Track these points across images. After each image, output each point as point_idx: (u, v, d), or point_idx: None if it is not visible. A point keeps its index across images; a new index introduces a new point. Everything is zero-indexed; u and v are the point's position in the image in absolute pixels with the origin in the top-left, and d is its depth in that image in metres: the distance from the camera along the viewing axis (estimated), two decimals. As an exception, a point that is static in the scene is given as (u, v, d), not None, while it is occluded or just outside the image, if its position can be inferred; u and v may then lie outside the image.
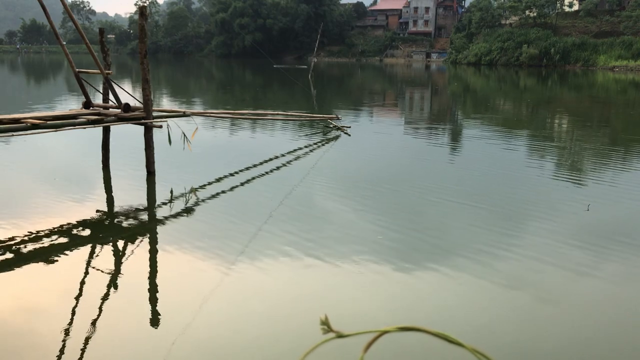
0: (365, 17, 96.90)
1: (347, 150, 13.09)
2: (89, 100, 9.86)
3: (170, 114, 10.78)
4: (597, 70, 57.10)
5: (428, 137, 15.55)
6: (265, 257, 6.07)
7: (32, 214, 7.51)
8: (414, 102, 29.03)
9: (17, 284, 5.46)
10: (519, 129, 17.08)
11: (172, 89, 34.48)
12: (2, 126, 7.76)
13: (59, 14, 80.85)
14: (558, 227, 7.25)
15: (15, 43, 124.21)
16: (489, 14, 72.96)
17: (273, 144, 13.76)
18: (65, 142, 12.52)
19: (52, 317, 4.73)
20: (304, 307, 5.01)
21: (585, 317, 4.98)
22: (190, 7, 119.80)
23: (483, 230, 7.11)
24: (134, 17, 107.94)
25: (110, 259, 6.17)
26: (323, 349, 0.71)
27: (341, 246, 6.40)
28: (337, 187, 9.23)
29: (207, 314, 4.79)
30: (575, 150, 13.73)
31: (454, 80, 45.91)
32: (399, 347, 4.16)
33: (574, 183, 9.93)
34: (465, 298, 5.23)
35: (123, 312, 4.90)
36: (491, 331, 4.67)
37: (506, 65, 64.60)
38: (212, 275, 5.62)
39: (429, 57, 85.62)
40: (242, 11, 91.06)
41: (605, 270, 5.95)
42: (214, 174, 9.98)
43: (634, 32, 61.64)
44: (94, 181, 9.68)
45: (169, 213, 7.87)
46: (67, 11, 9.77)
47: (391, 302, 5.16)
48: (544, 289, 5.45)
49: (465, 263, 5.95)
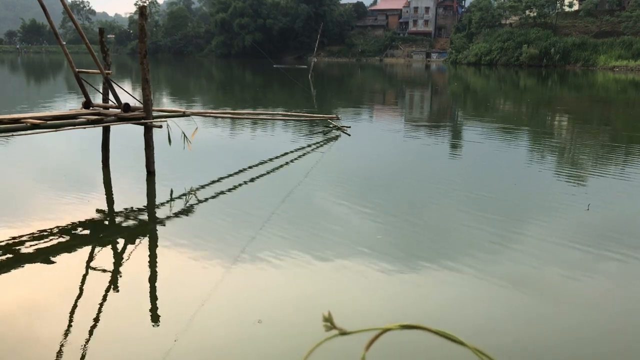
0: (365, 17, 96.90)
1: (347, 150, 13.09)
2: (89, 100, 9.86)
3: (170, 114, 10.77)
4: (597, 70, 57.10)
5: (428, 137, 15.54)
6: (265, 256, 6.06)
7: (32, 213, 7.50)
8: (414, 102, 29.03)
9: (17, 284, 5.46)
10: (519, 129, 17.08)
11: (172, 88, 34.48)
12: (2, 126, 7.76)
13: (58, 14, 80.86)
14: (558, 226, 7.25)
15: (15, 43, 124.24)
16: (489, 13, 72.97)
17: (273, 144, 13.75)
18: (65, 142, 12.51)
19: (52, 317, 4.73)
20: (305, 306, 5.01)
21: (585, 316, 4.98)
22: (190, 7, 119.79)
23: (483, 230, 7.10)
24: (133, 17, 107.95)
25: (110, 259, 6.17)
26: (325, 346, 0.71)
27: (341, 245, 6.40)
28: (337, 187, 9.23)
29: (207, 314, 4.78)
30: (575, 150, 13.73)
31: (454, 80, 45.90)
32: (401, 345, 4.16)
33: (574, 183, 9.93)
34: (466, 297, 5.23)
35: (123, 312, 4.90)
36: (492, 330, 4.67)
37: (506, 65, 64.59)
38: (212, 275, 5.61)
39: (429, 57, 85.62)
40: (242, 11, 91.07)
41: (605, 269, 5.95)
42: (214, 174, 9.97)
43: (634, 32, 61.64)
44: (94, 181, 9.67)
45: (169, 213, 7.86)
46: (67, 11, 9.77)
47: (392, 301, 5.16)
48: (545, 287, 5.45)
49: (466, 262, 5.95)
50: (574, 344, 4.52)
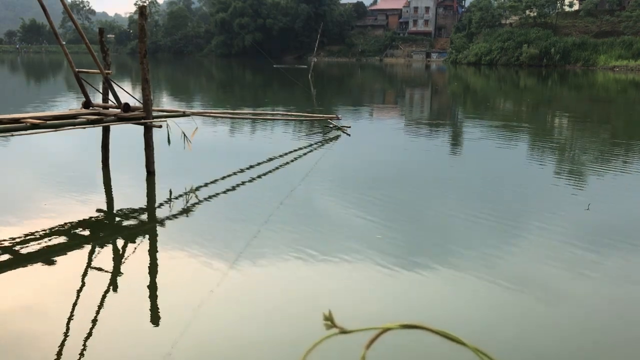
0: (365, 16, 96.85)
1: (347, 150, 13.08)
2: (89, 100, 9.85)
3: (170, 114, 10.77)
4: (597, 70, 57.08)
5: (428, 136, 15.54)
6: (265, 256, 6.06)
7: (32, 213, 7.50)
8: (414, 102, 29.03)
9: (17, 284, 5.46)
10: (519, 129, 17.08)
11: (171, 88, 34.47)
12: (2, 126, 7.75)
13: (58, 14, 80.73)
14: (558, 226, 7.25)
15: (15, 43, 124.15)
16: (489, 13, 72.93)
17: (273, 144, 13.75)
18: (65, 142, 12.51)
19: (52, 317, 4.73)
20: (305, 306, 5.01)
21: (586, 316, 4.98)
22: (190, 7, 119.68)
23: (483, 230, 7.10)
24: (133, 17, 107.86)
25: (110, 259, 6.17)
26: (326, 345, 0.71)
27: (342, 246, 6.40)
28: (337, 187, 9.22)
29: (207, 314, 4.78)
30: (575, 150, 13.73)
31: (454, 80, 45.89)
32: (401, 344, 4.16)
33: (574, 182, 9.93)
34: (466, 296, 5.23)
35: (123, 312, 4.90)
36: (492, 329, 4.67)
37: (506, 65, 64.56)
38: (212, 275, 5.61)
39: (429, 57, 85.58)
40: (242, 11, 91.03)
41: (605, 269, 5.94)
42: (214, 174, 9.97)
43: (634, 32, 61.61)
44: (94, 181, 9.67)
45: (169, 213, 7.86)
46: (67, 11, 9.77)
47: (392, 301, 5.16)
48: (545, 287, 5.45)
49: (466, 262, 5.95)
50: (574, 343, 4.52)
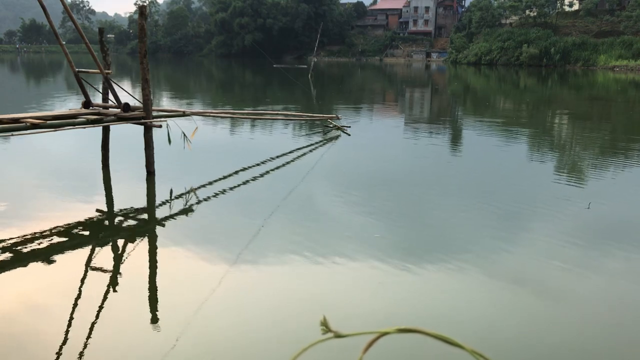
0: (365, 16, 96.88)
1: (347, 150, 13.08)
2: (89, 100, 9.85)
3: (170, 114, 10.77)
4: (597, 70, 57.07)
5: (428, 136, 15.54)
6: (265, 257, 6.07)
7: (32, 213, 7.50)
8: (414, 101, 29.03)
9: (17, 283, 5.46)
10: (519, 129, 17.08)
11: (171, 88, 34.47)
12: (2, 126, 7.75)
13: (58, 14, 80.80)
14: (559, 225, 7.24)
15: (14, 43, 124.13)
16: (489, 13, 72.93)
17: (273, 143, 13.75)
18: (65, 142, 12.51)
19: (53, 317, 4.73)
20: (304, 307, 5.01)
21: (586, 316, 4.98)
22: (190, 7, 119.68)
23: (483, 230, 7.10)
24: (133, 17, 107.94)
25: (110, 259, 6.17)
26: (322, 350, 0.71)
27: (341, 246, 6.40)
28: (337, 187, 9.22)
29: (207, 314, 4.78)
30: (575, 149, 13.73)
31: (454, 80, 45.89)
32: (398, 348, 4.16)
33: (574, 181, 9.92)
34: (465, 298, 5.23)
35: (123, 312, 4.90)
36: (491, 331, 4.67)
37: (506, 65, 64.57)
38: (212, 275, 5.61)
39: (429, 57, 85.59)
40: (242, 11, 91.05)
41: (606, 268, 5.95)
42: (214, 173, 9.97)
43: (634, 31, 61.58)
44: (94, 181, 9.67)
45: (169, 213, 7.86)
46: (67, 11, 9.76)
47: (392, 301, 5.16)
48: (545, 287, 5.45)
49: (465, 263, 5.95)
50: (574, 343, 4.52)
